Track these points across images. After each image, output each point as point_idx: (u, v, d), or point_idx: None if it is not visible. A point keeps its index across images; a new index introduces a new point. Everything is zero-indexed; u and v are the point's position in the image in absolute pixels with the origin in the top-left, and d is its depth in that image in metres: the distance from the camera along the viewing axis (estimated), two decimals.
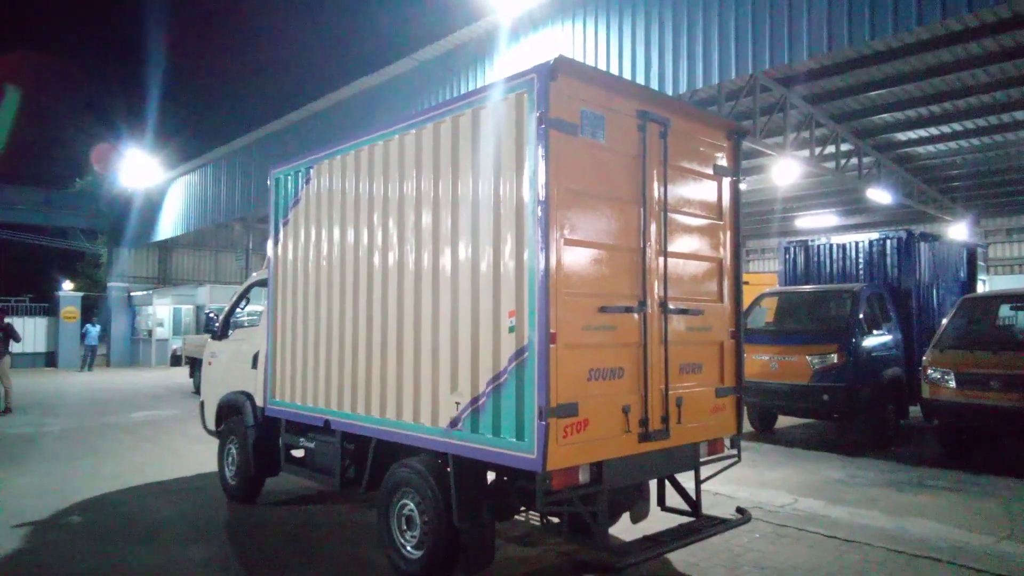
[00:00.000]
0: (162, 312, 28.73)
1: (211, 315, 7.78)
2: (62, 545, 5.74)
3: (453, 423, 4.49)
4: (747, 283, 15.89)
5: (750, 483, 7.73)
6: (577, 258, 4.19)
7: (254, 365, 6.90)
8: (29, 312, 27.88)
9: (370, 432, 5.24)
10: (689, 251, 4.99)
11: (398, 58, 13.63)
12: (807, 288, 11.35)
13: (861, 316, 9.80)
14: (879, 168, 17.49)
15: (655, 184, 4.68)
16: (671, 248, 4.78)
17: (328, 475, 5.81)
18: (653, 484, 5.48)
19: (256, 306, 8.33)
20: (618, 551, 4.39)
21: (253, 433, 6.70)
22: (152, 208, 26.88)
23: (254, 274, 7.64)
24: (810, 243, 12.15)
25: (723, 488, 7.40)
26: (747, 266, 28.00)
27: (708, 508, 6.50)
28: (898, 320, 10.50)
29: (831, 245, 11.91)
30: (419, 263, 4.87)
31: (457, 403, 4.47)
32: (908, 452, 9.39)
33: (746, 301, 7.48)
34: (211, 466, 7.72)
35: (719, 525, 4.99)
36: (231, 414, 7.17)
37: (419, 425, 4.77)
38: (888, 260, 11.07)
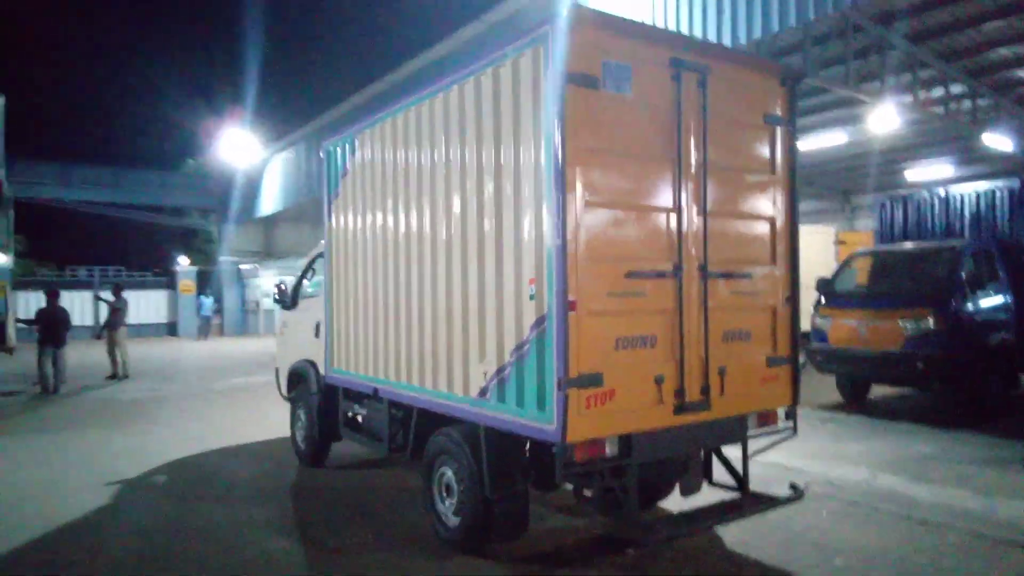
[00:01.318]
0: (268, 284, 30.38)
1: (281, 286, 8.06)
2: (142, 503, 6.19)
3: (482, 393, 4.45)
4: (843, 242, 14.96)
5: (826, 457, 7.29)
6: (600, 221, 3.99)
7: (316, 334, 7.12)
8: (151, 286, 30.17)
9: (412, 400, 5.29)
10: (734, 210, 4.65)
11: (466, 23, 13.50)
12: (902, 246, 10.47)
13: (963, 276, 8.93)
14: (997, 111, 15.80)
15: (693, 138, 4.37)
16: (712, 208, 4.47)
17: (379, 441, 5.94)
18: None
19: (320, 277, 8.57)
20: (646, 527, 4.24)
21: (316, 400, 6.94)
22: (254, 185, 28.25)
23: (320, 244, 7.85)
24: (909, 198, 11.18)
25: (795, 462, 7.02)
26: (849, 224, 26.18)
27: (773, 483, 6.23)
28: (1009, 280, 9.49)
29: (933, 199, 10.91)
30: (449, 231, 4.81)
31: (485, 373, 4.42)
32: (1015, 426, 8.55)
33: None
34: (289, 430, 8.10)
35: (766, 502, 4.72)
36: (299, 382, 7.45)
37: (452, 395, 4.76)
38: (998, 213, 10.01)
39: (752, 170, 4.75)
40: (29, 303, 24.13)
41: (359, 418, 6.37)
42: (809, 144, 18.88)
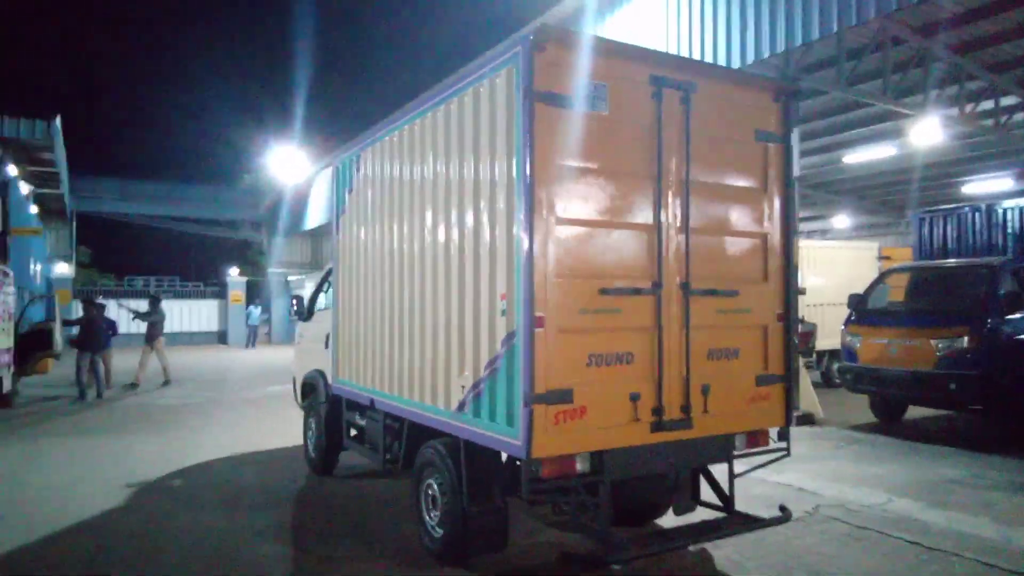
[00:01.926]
0: None
1: (298, 299, 8.28)
2: (150, 506, 6.39)
3: (460, 406, 4.46)
4: (887, 258, 14.48)
5: (845, 479, 7.04)
6: (572, 238, 3.98)
7: (326, 345, 7.26)
8: (203, 296, 31.22)
9: (403, 413, 5.34)
10: (722, 227, 4.58)
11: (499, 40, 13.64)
12: (937, 263, 10.07)
13: (1001, 293, 8.54)
14: None
15: (675, 155, 4.32)
16: (696, 224, 4.41)
17: (376, 452, 6.01)
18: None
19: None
20: (616, 545, 4.16)
21: (324, 409, 7.07)
22: (302, 199, 29.00)
23: None
24: (949, 212, 10.75)
25: (810, 483, 6.83)
26: (904, 239, 25.31)
27: (782, 503, 6.06)
28: None
29: (975, 214, 10.46)
30: (433, 247, 4.86)
31: (463, 387, 4.44)
32: None
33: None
34: None
35: (749, 523, 4.59)
36: (310, 391, 7.61)
37: (436, 408, 4.79)
38: None
39: (741, 187, 4.66)
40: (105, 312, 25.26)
41: (361, 429, 6.46)
42: (857, 157, 18.41)
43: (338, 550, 5.18)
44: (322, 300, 8.08)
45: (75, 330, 14.04)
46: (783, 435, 4.89)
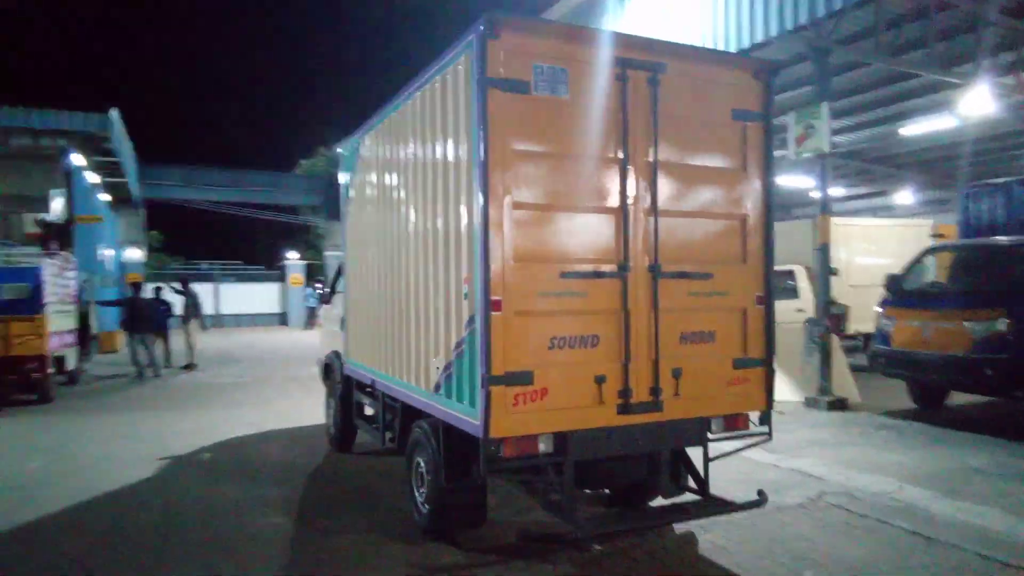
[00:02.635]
0: None
1: (321, 281, 8.62)
2: (176, 478, 6.82)
3: (436, 387, 4.61)
4: (940, 235, 13.87)
5: (860, 465, 6.87)
6: (531, 222, 4.04)
7: (342, 327, 7.52)
8: (265, 279, 32.40)
9: (396, 394, 5.53)
10: (695, 208, 4.54)
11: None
12: (975, 241, 9.58)
13: None
14: None
15: (642, 137, 4.31)
16: (667, 207, 4.39)
17: (378, 432, 6.23)
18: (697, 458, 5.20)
19: None
20: (580, 523, 4.24)
21: (339, 389, 7.35)
22: None
23: None
24: (997, 188, 10.19)
25: (820, 469, 6.72)
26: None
27: (789, 490, 6.00)
28: None
29: None
30: (415, 232, 4.99)
31: (438, 368, 4.57)
32: None
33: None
34: None
35: (720, 507, 4.59)
36: (329, 371, 7.91)
37: (420, 388, 4.95)
38: None
39: (717, 167, 4.60)
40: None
41: (366, 408, 6.70)
42: (914, 129, 17.57)
43: (337, 523, 5.43)
44: (341, 284, 8.36)
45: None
46: (764, 419, 4.84)
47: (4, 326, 10.10)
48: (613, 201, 4.24)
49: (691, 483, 4.91)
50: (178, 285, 15.75)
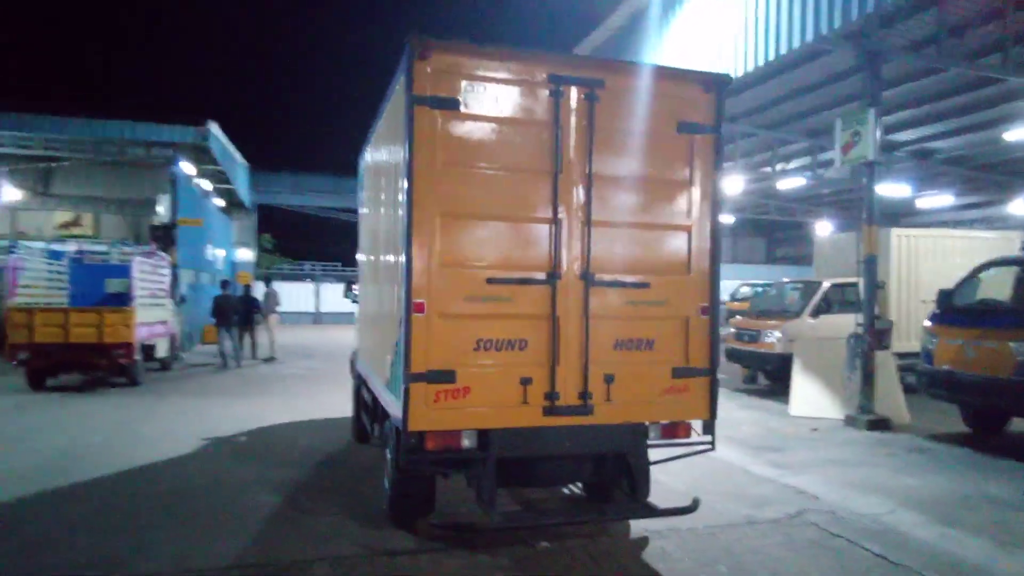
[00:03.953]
0: None
1: (349, 282, 9.31)
2: (206, 457, 7.56)
3: (386, 383, 4.97)
4: None
5: (862, 486, 6.64)
6: (458, 230, 4.32)
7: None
8: (340, 278, 34.08)
9: (375, 389, 5.95)
10: (633, 219, 4.66)
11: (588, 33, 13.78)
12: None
13: None
14: None
15: (576, 151, 4.49)
16: (603, 217, 4.55)
17: (370, 426, 6.68)
18: (659, 466, 5.31)
19: None
20: (495, 515, 4.45)
21: (355, 384, 7.88)
22: None
23: None
24: None
25: (817, 487, 6.61)
26: None
27: (772, 505, 5.93)
28: None
29: None
30: (382, 239, 5.40)
31: (388, 365, 4.94)
32: None
33: None
34: None
35: (643, 511, 4.68)
36: (353, 368, 8.47)
37: (381, 384, 5.33)
38: None
39: (659, 179, 4.70)
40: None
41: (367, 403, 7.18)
42: (1018, 134, 16.29)
43: (319, 505, 5.90)
44: None
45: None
46: (708, 428, 4.87)
47: (97, 316, 11.41)
48: (544, 211, 4.45)
49: (679, 487, 5.00)
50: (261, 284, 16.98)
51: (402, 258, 4.31)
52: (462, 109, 4.28)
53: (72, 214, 27.77)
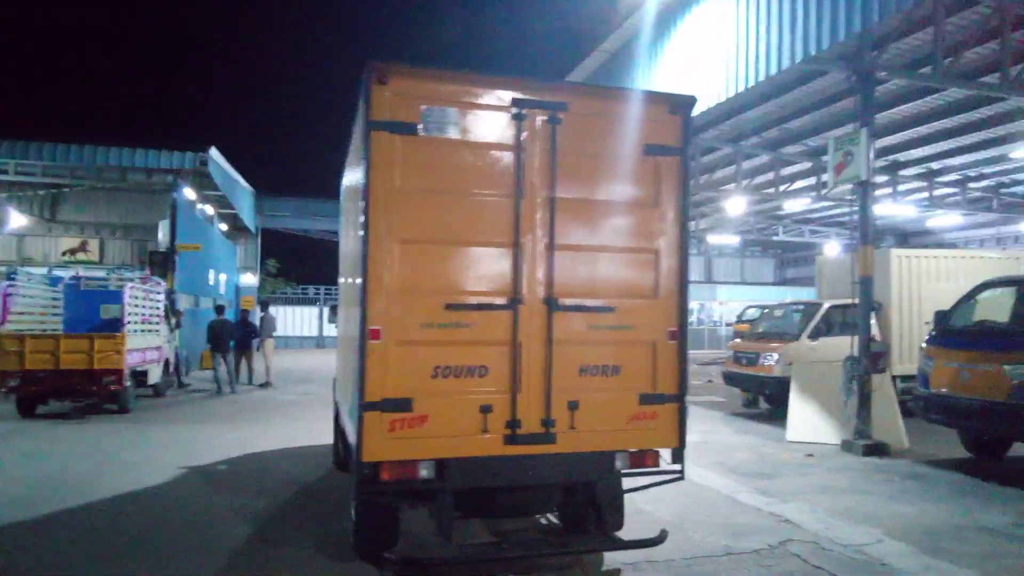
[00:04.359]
0: None
1: (334, 308, 9.19)
2: (184, 485, 7.45)
3: (349, 410, 4.86)
4: None
5: (851, 515, 6.44)
6: (415, 255, 4.23)
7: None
8: None
9: (342, 416, 5.84)
10: (598, 243, 4.57)
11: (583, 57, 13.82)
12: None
13: None
14: None
15: (538, 174, 4.41)
16: (566, 241, 4.46)
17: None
18: (632, 495, 5.17)
19: None
20: (455, 548, 4.32)
21: (335, 410, 7.76)
22: None
23: None
24: None
25: (803, 516, 6.42)
26: None
27: (754, 535, 5.75)
28: None
29: None
30: (349, 264, 5.32)
31: (349, 392, 4.83)
32: None
33: None
34: None
35: (608, 543, 4.55)
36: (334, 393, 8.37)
37: (346, 411, 5.22)
38: None
39: (624, 202, 4.61)
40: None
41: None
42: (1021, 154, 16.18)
43: (288, 535, 5.77)
44: None
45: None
46: (677, 456, 4.71)
47: (88, 342, 11.38)
48: (505, 236, 4.36)
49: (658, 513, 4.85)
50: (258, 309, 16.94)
51: (359, 282, 4.24)
52: (421, 133, 4.22)
53: (78, 240, 28.09)
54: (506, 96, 4.38)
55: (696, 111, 11.77)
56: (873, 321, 12.36)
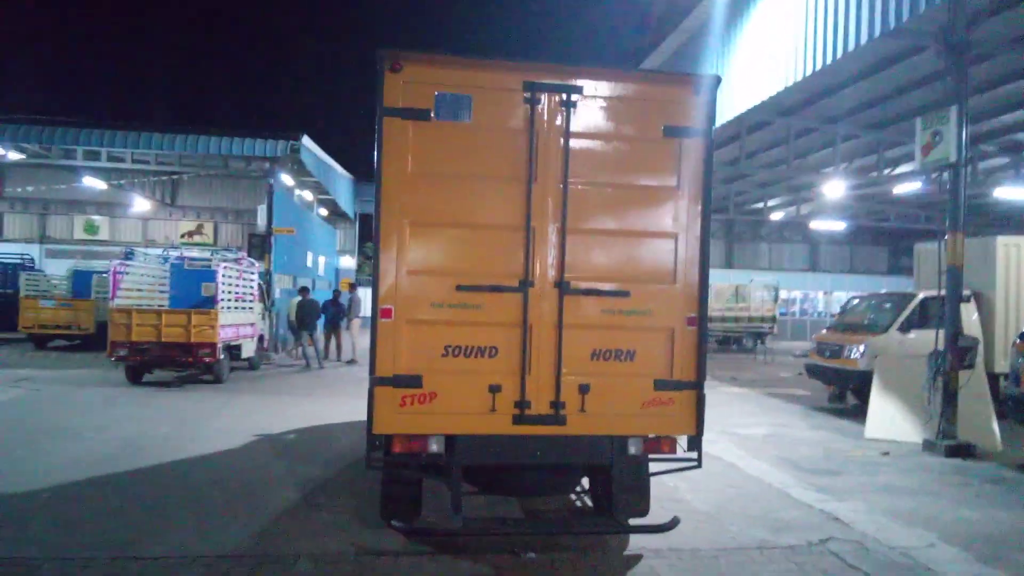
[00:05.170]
0: None
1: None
2: (250, 451, 7.96)
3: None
4: None
5: (909, 517, 6.10)
6: (428, 238, 4.35)
7: None
8: None
9: None
10: (613, 227, 4.52)
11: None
12: None
13: None
14: None
15: (553, 157, 4.41)
16: (580, 224, 4.45)
17: None
18: (656, 480, 5.13)
19: None
20: (458, 520, 4.42)
21: None
22: None
23: None
24: None
25: (858, 515, 6.18)
26: None
27: (796, 531, 5.58)
28: None
29: None
30: None
31: None
32: None
33: None
34: None
35: (614, 527, 4.50)
36: None
37: None
38: None
39: (642, 185, 4.53)
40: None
41: None
42: None
43: (329, 502, 6.09)
44: None
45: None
46: (694, 444, 4.61)
47: (186, 317, 12.33)
48: (517, 220, 4.40)
49: (673, 496, 4.81)
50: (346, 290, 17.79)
51: (373, 263, 4.40)
52: (434, 118, 4.32)
53: (195, 223, 30.30)
54: (518, 80, 4.39)
55: (776, 89, 11.41)
56: (975, 317, 11.50)
